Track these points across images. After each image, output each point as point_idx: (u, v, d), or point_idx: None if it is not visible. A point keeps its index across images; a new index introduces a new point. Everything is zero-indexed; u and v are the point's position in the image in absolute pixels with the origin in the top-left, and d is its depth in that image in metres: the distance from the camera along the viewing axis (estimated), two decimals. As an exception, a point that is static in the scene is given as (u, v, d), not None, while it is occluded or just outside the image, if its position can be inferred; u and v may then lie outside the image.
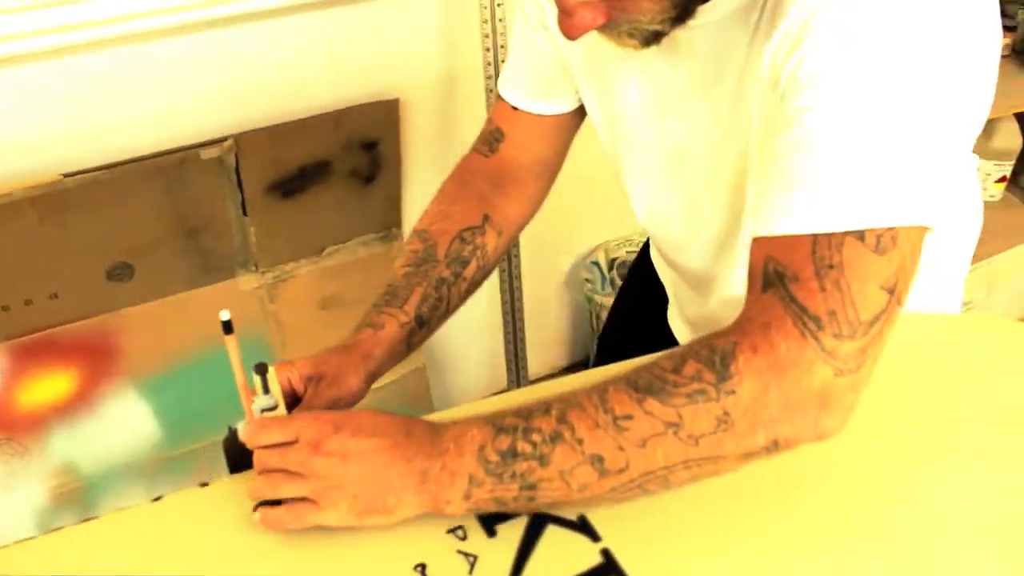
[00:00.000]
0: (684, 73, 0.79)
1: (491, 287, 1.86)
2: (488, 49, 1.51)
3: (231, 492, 0.74)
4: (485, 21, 1.48)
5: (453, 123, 1.69)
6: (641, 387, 0.63)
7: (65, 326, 1.50)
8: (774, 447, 0.63)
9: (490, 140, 1.00)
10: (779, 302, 0.62)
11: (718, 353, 0.62)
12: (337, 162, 1.59)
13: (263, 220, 1.58)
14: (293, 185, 1.57)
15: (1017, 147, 2.20)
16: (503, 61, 1.51)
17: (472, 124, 1.66)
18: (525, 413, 0.66)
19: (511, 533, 0.68)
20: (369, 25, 1.52)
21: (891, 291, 0.61)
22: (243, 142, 1.47)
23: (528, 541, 0.68)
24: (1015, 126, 2.20)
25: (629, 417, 0.63)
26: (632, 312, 1.27)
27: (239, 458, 0.76)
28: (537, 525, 0.69)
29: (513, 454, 0.64)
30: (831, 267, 0.60)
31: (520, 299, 1.84)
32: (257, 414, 0.74)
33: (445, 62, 1.61)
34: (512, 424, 0.66)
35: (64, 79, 1.33)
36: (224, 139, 1.46)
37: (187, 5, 1.32)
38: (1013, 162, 2.23)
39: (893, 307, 0.62)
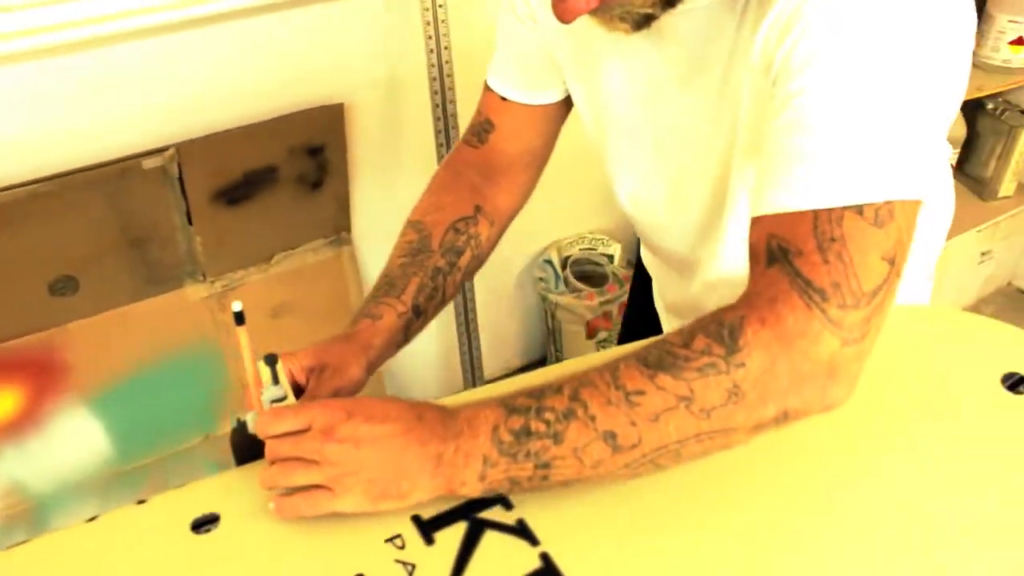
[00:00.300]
0: (671, 60, 0.80)
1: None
2: (432, 51, 1.50)
3: (168, 508, 0.73)
4: (428, 23, 1.47)
5: (399, 127, 1.68)
6: (652, 363, 0.64)
7: (8, 343, 1.47)
8: (783, 418, 0.64)
9: (480, 131, 1.01)
10: (784, 276, 0.63)
11: (727, 327, 0.63)
12: (283, 168, 1.58)
13: (209, 229, 1.56)
14: (239, 193, 1.55)
15: (961, 135, 2.23)
16: (447, 62, 1.51)
17: (418, 127, 1.67)
18: (537, 393, 0.67)
19: (449, 540, 0.68)
20: (312, 30, 1.51)
21: (891, 262, 0.63)
22: (186, 151, 1.46)
23: (466, 548, 0.67)
24: (959, 115, 2.23)
25: (641, 392, 0.63)
26: (639, 300, 1.29)
27: (246, 450, 0.77)
28: (475, 531, 0.68)
29: (527, 433, 0.65)
30: (833, 240, 0.62)
31: (473, 300, 1.83)
32: (267, 405, 0.74)
33: (389, 66, 1.60)
34: (525, 404, 0.66)
35: (-2, 91, 1.31)
36: (166, 148, 1.44)
37: (123, 12, 1.30)
38: (958, 150, 2.26)
39: (893, 278, 0.63)
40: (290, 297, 1.71)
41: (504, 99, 0.97)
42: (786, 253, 0.63)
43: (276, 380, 0.75)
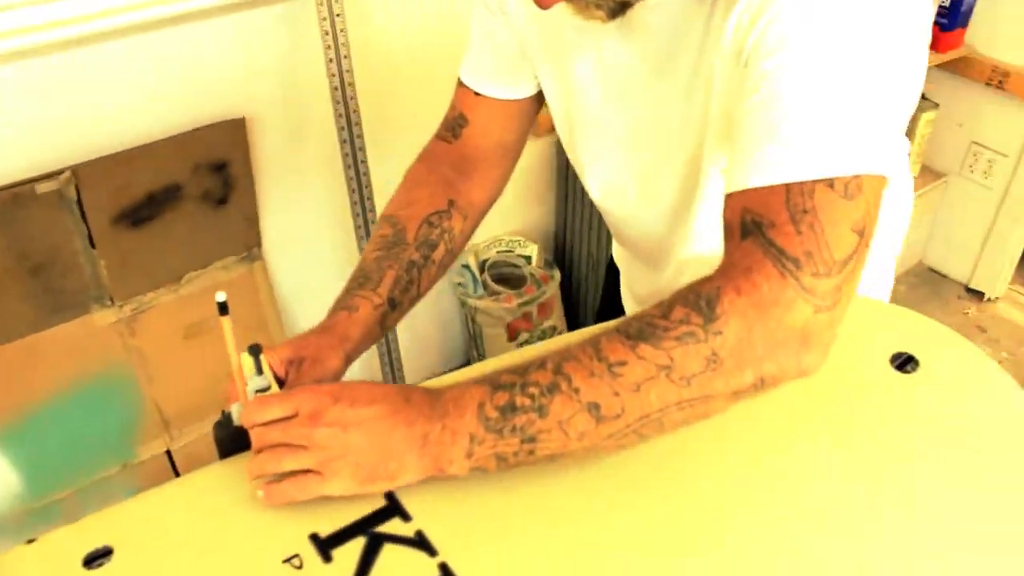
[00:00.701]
0: (641, 52, 0.82)
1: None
2: (331, 60, 1.48)
3: (60, 544, 0.70)
4: (326, 33, 1.46)
5: (304, 139, 1.66)
6: (633, 334, 0.66)
7: (-95, 382, 1.42)
8: (761, 384, 0.66)
9: (453, 126, 1.02)
10: (758, 247, 0.65)
11: (704, 297, 0.65)
12: (187, 186, 1.54)
13: (113, 251, 1.52)
14: (142, 213, 1.52)
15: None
16: (348, 71, 1.49)
17: (323, 138, 1.65)
18: (521, 370, 0.68)
19: (347, 556, 0.67)
20: (208, 44, 1.48)
21: (860, 233, 0.65)
22: (83, 173, 1.42)
23: (365, 562, 0.66)
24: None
25: (623, 363, 0.65)
26: (612, 297, 1.30)
27: (230, 443, 0.77)
28: (373, 546, 0.67)
29: (512, 408, 0.66)
30: (805, 212, 0.64)
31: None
32: (251, 395, 0.75)
33: (289, 78, 1.58)
34: (509, 380, 0.67)
35: None
36: (61, 171, 1.40)
37: (9, 31, 1.26)
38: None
39: (862, 248, 0.66)
40: (203, 317, 1.67)
41: (478, 94, 0.98)
42: (760, 226, 0.65)
43: (260, 370, 0.76)
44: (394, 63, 1.68)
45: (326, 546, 0.67)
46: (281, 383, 0.80)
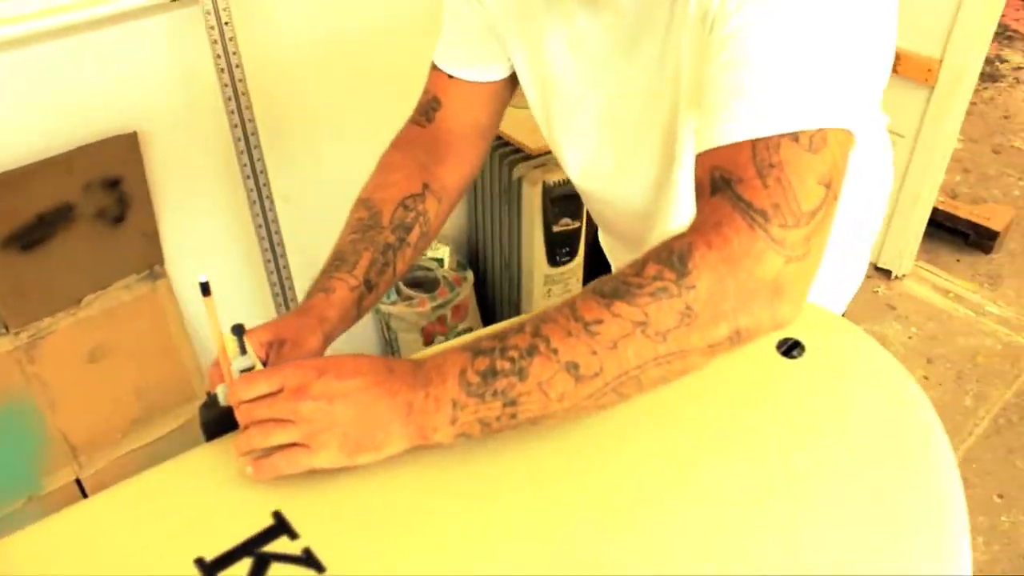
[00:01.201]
0: (611, 29, 0.84)
1: (266, 308, 1.80)
2: (223, 69, 1.45)
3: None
4: (215, 41, 1.43)
5: (200, 151, 1.62)
6: (608, 293, 0.67)
7: None
8: (736, 336, 0.67)
9: (427, 110, 1.03)
10: (727, 202, 0.66)
11: (676, 253, 0.66)
12: (79, 205, 1.50)
13: (5, 277, 1.46)
14: (33, 236, 1.47)
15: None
16: (240, 80, 1.46)
17: (219, 149, 1.61)
18: (500, 335, 0.69)
19: (233, 579, 0.65)
20: (95, 58, 1.44)
21: (827, 185, 0.66)
22: (-35, 197, 1.36)
23: (251, 584, 0.65)
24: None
25: (599, 321, 0.66)
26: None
27: (216, 424, 0.79)
28: (260, 566, 0.66)
29: (492, 373, 0.67)
30: (771, 166, 0.65)
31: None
32: (236, 375, 0.76)
33: (181, 90, 1.54)
34: (489, 346, 0.69)
35: None
36: (-59, 196, 1.34)
37: None
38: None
39: (830, 201, 0.67)
40: (107, 338, 1.62)
41: (451, 77, 1.00)
42: (728, 182, 0.67)
43: (244, 350, 0.77)
44: (287, 69, 1.65)
45: (212, 570, 0.66)
46: (264, 365, 0.81)
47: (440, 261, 2.07)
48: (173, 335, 1.71)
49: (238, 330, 0.77)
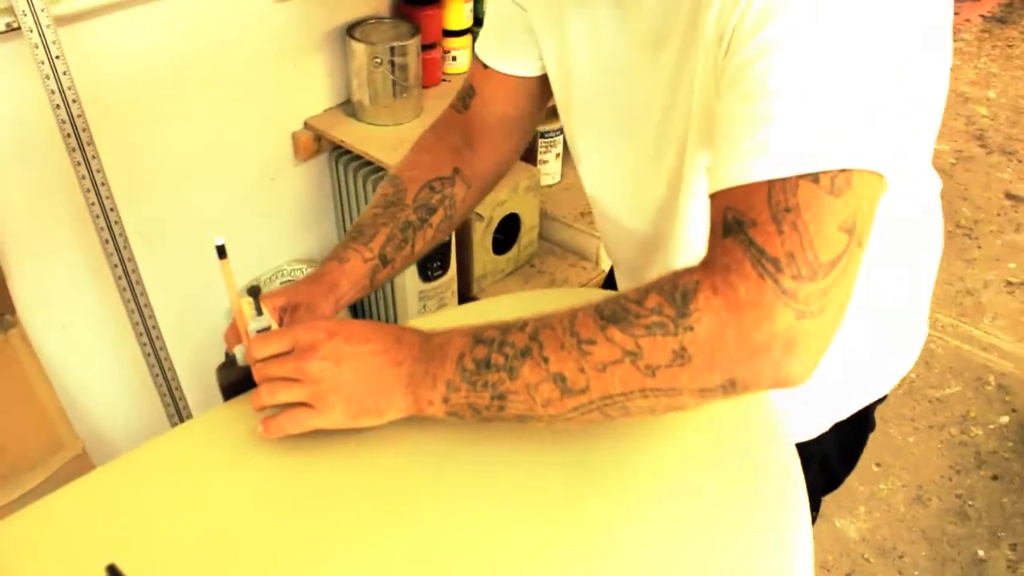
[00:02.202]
0: (633, 32, 0.82)
1: (135, 359, 1.75)
2: (58, 106, 1.40)
3: None
4: (48, 76, 1.38)
5: (46, 192, 1.56)
6: (606, 315, 0.66)
7: None
8: (731, 387, 0.64)
9: (464, 96, 1.05)
10: (739, 246, 0.62)
11: (680, 289, 0.63)
12: (-85, 257, 1.42)
13: None
14: None
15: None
16: (79, 116, 1.42)
17: (63, 186, 1.55)
18: (504, 327, 0.71)
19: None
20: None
21: (850, 232, 0.61)
22: None
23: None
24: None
25: (592, 342, 0.66)
26: None
27: (234, 384, 0.83)
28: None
29: (487, 364, 0.69)
30: (787, 210, 0.60)
31: (169, 360, 1.74)
32: (252, 335, 0.79)
33: (18, 130, 1.48)
34: (490, 336, 0.70)
35: None
36: None
37: None
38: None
39: (854, 249, 0.62)
40: (-42, 394, 1.55)
41: (486, 67, 1.01)
42: (741, 224, 0.62)
43: (259, 311, 0.80)
44: (130, 101, 1.61)
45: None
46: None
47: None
48: (33, 384, 1.64)
49: (254, 291, 0.79)
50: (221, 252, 0.75)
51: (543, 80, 1.02)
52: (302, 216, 2.08)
